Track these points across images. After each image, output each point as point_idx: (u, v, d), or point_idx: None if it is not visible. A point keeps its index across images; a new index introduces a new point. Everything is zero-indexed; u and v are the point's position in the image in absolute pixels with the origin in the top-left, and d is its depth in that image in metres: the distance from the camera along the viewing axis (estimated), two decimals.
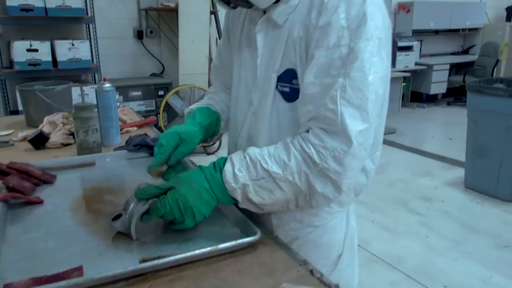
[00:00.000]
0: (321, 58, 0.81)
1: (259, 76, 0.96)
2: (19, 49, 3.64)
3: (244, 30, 1.04)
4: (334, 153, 0.79)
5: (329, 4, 0.81)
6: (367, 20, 0.79)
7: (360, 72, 0.78)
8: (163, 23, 4.87)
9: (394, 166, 4.18)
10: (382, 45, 0.81)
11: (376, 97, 0.80)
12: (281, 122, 0.93)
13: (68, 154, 1.44)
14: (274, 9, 0.90)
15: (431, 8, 6.65)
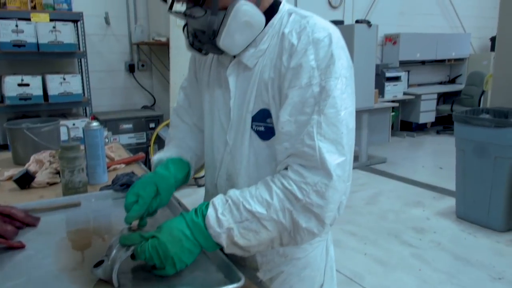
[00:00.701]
0: (295, 97, 0.86)
1: (233, 117, 0.99)
2: (11, 84, 3.65)
3: (212, 71, 1.06)
4: (316, 187, 0.82)
5: (298, 47, 0.87)
6: (335, 60, 0.85)
7: (333, 109, 0.83)
8: (154, 56, 4.93)
9: (386, 196, 4.18)
10: (348, 82, 0.88)
11: (348, 131, 0.86)
12: (258, 160, 0.96)
13: (54, 194, 1.43)
14: (243, 53, 0.95)
15: (416, 39, 6.82)
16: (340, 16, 6.31)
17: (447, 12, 7.48)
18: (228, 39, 0.90)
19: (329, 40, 0.87)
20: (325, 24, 0.91)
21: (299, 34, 0.89)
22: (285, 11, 0.96)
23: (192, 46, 0.98)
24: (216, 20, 0.89)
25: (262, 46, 0.94)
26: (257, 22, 0.90)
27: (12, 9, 3.68)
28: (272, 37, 0.94)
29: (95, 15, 4.49)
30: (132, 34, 4.77)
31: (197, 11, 0.90)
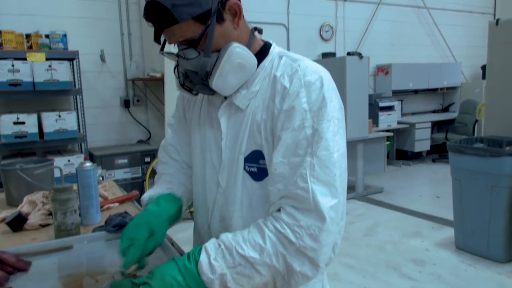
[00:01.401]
0: (288, 139, 0.87)
1: (224, 158, 0.99)
2: (6, 122, 3.66)
3: (203, 111, 1.07)
4: (309, 230, 0.81)
5: (291, 90, 0.89)
6: (327, 102, 0.87)
7: (326, 151, 0.85)
8: (149, 92, 4.99)
9: (383, 227, 4.15)
10: (340, 124, 0.89)
11: (341, 173, 0.87)
12: (252, 201, 0.96)
13: (46, 236, 1.41)
14: (235, 94, 0.96)
15: (408, 69, 6.94)
16: (331, 48, 6.44)
17: (437, 42, 7.65)
18: (221, 81, 0.91)
19: (321, 82, 0.88)
20: (316, 67, 0.92)
21: (291, 77, 0.90)
22: (275, 53, 0.98)
23: (182, 86, 0.99)
24: (209, 62, 0.91)
25: (254, 88, 0.95)
26: (250, 64, 0.92)
27: (8, 49, 3.73)
28: (263, 79, 0.96)
29: (90, 53, 4.56)
30: (127, 70, 4.84)
31: (190, 53, 0.91)
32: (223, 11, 0.91)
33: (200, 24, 0.88)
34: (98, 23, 4.64)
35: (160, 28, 0.91)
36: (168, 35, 0.92)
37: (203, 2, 0.86)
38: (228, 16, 0.92)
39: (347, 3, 6.54)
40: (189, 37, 0.90)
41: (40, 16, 4.28)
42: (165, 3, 0.85)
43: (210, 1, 0.87)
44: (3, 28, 3.77)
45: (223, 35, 0.91)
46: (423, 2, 7.21)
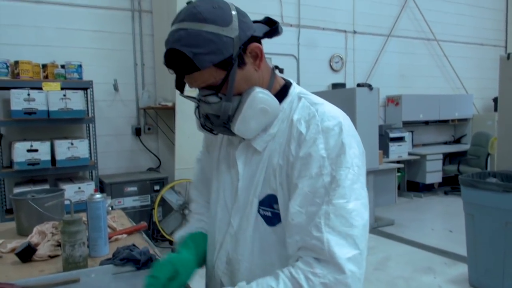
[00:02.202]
0: (305, 187, 0.84)
1: (239, 199, 0.97)
2: (20, 150, 3.72)
3: (222, 149, 1.07)
4: (324, 279, 0.78)
5: (307, 136, 0.86)
6: (346, 149, 0.84)
7: (342, 199, 0.81)
8: (160, 120, 5.04)
9: (395, 261, 4.06)
10: (361, 172, 0.86)
11: (362, 224, 0.82)
12: (263, 245, 0.93)
13: (54, 268, 1.41)
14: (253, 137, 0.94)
15: (419, 100, 6.95)
16: (341, 79, 6.49)
17: (448, 74, 7.68)
18: (243, 125, 0.91)
19: (339, 128, 0.86)
20: (335, 112, 0.90)
21: (308, 123, 0.88)
22: (295, 94, 0.97)
23: (203, 127, 0.99)
24: (231, 106, 0.90)
25: (272, 130, 0.94)
26: (272, 108, 0.91)
27: (25, 79, 3.82)
28: (282, 122, 0.94)
29: (104, 82, 4.66)
30: (139, 99, 4.91)
31: (212, 98, 0.90)
32: (244, 54, 0.90)
33: (221, 70, 0.87)
34: (113, 54, 4.76)
35: (181, 75, 0.90)
36: (189, 81, 0.91)
37: (224, 49, 0.86)
38: (249, 59, 0.92)
39: (357, 35, 6.63)
40: (211, 83, 0.89)
41: (57, 47, 4.41)
42: (186, 52, 0.84)
43: (231, 47, 0.86)
44: (20, 59, 3.87)
45: (244, 78, 0.91)
46: (433, 35, 7.29)
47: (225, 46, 0.86)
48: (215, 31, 0.84)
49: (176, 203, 4.31)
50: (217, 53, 0.85)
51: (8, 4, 4.17)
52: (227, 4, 0.90)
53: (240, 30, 0.87)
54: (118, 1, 4.74)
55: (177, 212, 4.31)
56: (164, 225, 4.28)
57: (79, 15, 4.53)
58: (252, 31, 0.91)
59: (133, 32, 4.85)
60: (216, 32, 0.85)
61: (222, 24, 0.85)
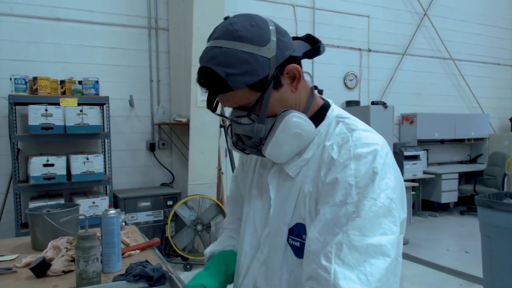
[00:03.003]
0: (327, 214, 0.79)
1: (270, 225, 0.93)
2: (36, 165, 3.78)
3: (256, 171, 1.03)
4: None
5: (337, 162, 0.82)
6: (376, 178, 0.78)
7: (359, 232, 0.75)
8: (174, 136, 5.09)
9: (409, 282, 3.99)
10: (394, 205, 0.78)
11: (383, 262, 0.74)
12: (291, 277, 0.88)
13: (67, 283, 1.42)
14: (287, 161, 0.90)
15: (434, 119, 6.90)
16: (356, 96, 6.49)
17: (464, 93, 7.62)
18: (275, 150, 0.86)
19: (373, 157, 0.80)
20: (373, 139, 0.84)
21: (340, 148, 0.83)
22: (333, 117, 0.92)
23: (235, 146, 0.95)
24: (264, 129, 0.86)
25: (306, 155, 0.89)
26: (307, 133, 0.87)
27: (43, 95, 3.91)
28: (317, 147, 0.89)
29: (120, 98, 4.74)
30: (154, 115, 4.98)
31: (244, 119, 0.87)
32: (281, 75, 0.86)
33: (255, 92, 0.83)
34: (129, 70, 4.85)
35: (213, 94, 0.87)
36: (222, 100, 0.88)
37: (259, 71, 0.81)
38: (286, 80, 0.87)
39: (372, 53, 6.65)
40: (244, 104, 0.86)
41: (74, 63, 4.51)
42: (219, 72, 0.80)
43: (267, 69, 0.82)
44: (39, 75, 3.96)
45: (279, 100, 0.86)
46: (448, 54, 7.26)
47: (261, 67, 0.81)
48: (251, 51, 0.80)
49: (188, 218, 4.31)
50: (252, 74, 0.81)
51: (28, 21, 4.29)
52: (266, 22, 0.85)
53: (277, 50, 0.83)
54: (135, 20, 4.84)
55: (190, 228, 4.31)
56: (176, 240, 4.28)
57: (97, 32, 4.64)
58: (291, 51, 0.86)
59: (149, 49, 4.94)
60: (252, 52, 0.80)
61: (259, 44, 0.81)
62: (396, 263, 0.80)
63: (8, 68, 4.11)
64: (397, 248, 0.79)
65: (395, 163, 0.85)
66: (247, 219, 1.01)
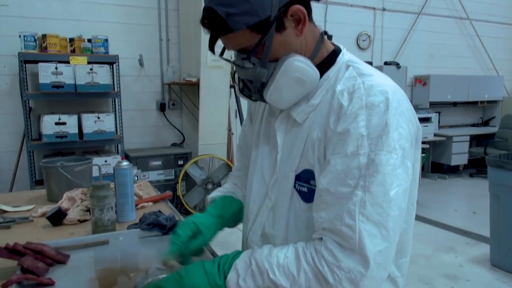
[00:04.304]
0: (338, 165, 0.78)
1: (278, 171, 0.93)
2: (48, 123, 3.82)
3: (264, 119, 1.03)
4: (350, 274, 0.73)
5: (348, 110, 0.79)
6: (390, 130, 0.76)
7: (381, 187, 0.74)
8: (184, 96, 5.08)
9: (416, 240, 4.04)
10: (406, 154, 0.77)
11: (399, 213, 0.76)
12: (298, 222, 0.89)
13: (83, 231, 1.46)
14: (294, 106, 0.89)
15: (447, 81, 6.77)
16: (368, 57, 6.37)
17: (479, 54, 7.44)
18: (276, 94, 0.85)
19: (386, 106, 0.77)
20: (385, 86, 0.80)
21: (350, 95, 0.80)
22: (343, 62, 0.89)
23: (242, 92, 0.94)
24: (266, 73, 0.84)
25: (314, 101, 0.87)
26: (310, 78, 0.84)
27: (52, 53, 3.89)
28: (326, 92, 0.87)
29: (129, 58, 4.70)
30: (164, 75, 4.95)
31: (245, 63, 0.85)
32: (285, 17, 0.82)
33: (257, 34, 0.81)
34: (138, 29, 4.78)
35: (215, 36, 0.84)
36: (225, 42, 0.86)
37: (260, 11, 0.78)
38: (290, 23, 0.83)
39: (386, 12, 6.46)
40: (245, 47, 0.83)
41: (84, 21, 4.45)
42: (219, 11, 0.78)
43: (269, 9, 0.79)
44: (48, 32, 3.93)
45: (283, 44, 0.83)
46: (465, 13, 7.04)
47: (262, 7, 0.78)
48: None
49: (199, 177, 4.37)
50: (252, 14, 0.78)
51: None
52: None
53: None
54: None
55: (200, 187, 4.37)
56: (187, 199, 4.36)
57: None
58: None
59: (158, 7, 4.85)
60: None
61: None
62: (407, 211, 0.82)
63: (16, 25, 4.08)
64: (408, 195, 0.80)
65: (408, 108, 0.82)
66: (254, 167, 1.02)
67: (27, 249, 1.13)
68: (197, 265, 0.84)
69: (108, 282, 1.07)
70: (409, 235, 0.91)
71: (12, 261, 1.11)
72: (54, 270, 1.12)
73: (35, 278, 1.03)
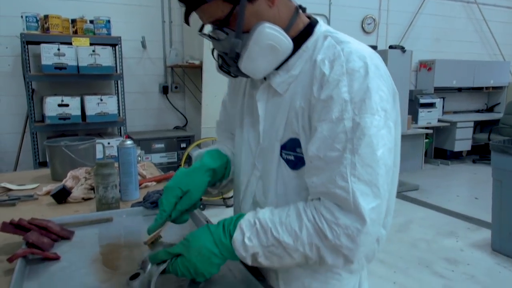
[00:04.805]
0: (324, 131, 0.80)
1: (262, 142, 0.96)
2: (51, 105, 3.82)
3: (246, 92, 1.04)
4: (347, 230, 0.77)
5: (330, 77, 0.81)
6: (371, 94, 0.79)
7: (369, 148, 0.77)
8: (187, 79, 5.06)
9: (417, 224, 4.06)
10: (388, 115, 0.81)
11: (386, 170, 0.80)
12: (287, 190, 0.92)
13: (88, 209, 1.47)
14: (274, 77, 0.91)
15: (453, 66, 6.72)
16: (373, 41, 6.31)
17: (486, 39, 7.36)
18: (250, 63, 0.86)
19: (365, 71, 0.80)
20: (363, 51, 0.83)
21: (331, 63, 0.82)
22: (320, 33, 0.91)
23: (221, 68, 0.96)
24: (240, 43, 0.86)
25: (294, 71, 0.89)
26: (282, 46, 0.86)
27: (54, 34, 3.87)
28: (305, 62, 0.89)
29: (132, 40, 4.67)
30: (167, 57, 4.93)
31: (219, 34, 0.87)
32: None
33: (228, 4, 0.83)
34: (140, 10, 4.74)
35: (189, 8, 0.86)
36: (199, 15, 0.88)
37: None
38: None
39: None
40: (219, 18, 0.85)
41: (85, 1, 4.42)
42: None
43: None
44: (50, 13, 3.90)
45: (255, 14, 0.85)
46: None
47: None
48: None
49: None
50: None
51: None
52: None
53: None
54: None
55: None
56: None
57: None
58: None
59: None
60: None
61: None
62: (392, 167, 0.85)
63: (18, 5, 4.05)
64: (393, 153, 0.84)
65: (386, 71, 0.85)
66: (241, 139, 1.04)
67: (32, 224, 1.14)
68: (202, 228, 0.87)
69: (113, 258, 1.08)
70: (392, 196, 0.94)
71: (18, 237, 1.12)
72: (59, 245, 1.13)
73: (41, 252, 1.04)
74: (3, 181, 1.82)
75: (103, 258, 1.07)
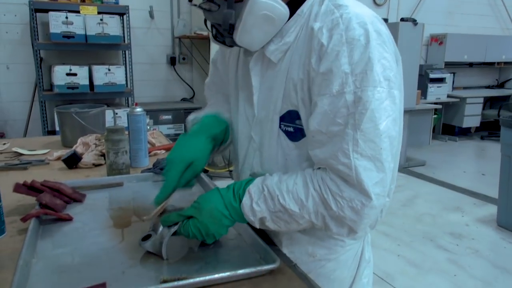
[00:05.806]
0: (325, 106, 0.78)
1: (258, 114, 0.94)
2: (60, 73, 3.82)
3: (240, 59, 1.01)
4: (351, 203, 0.77)
5: (329, 48, 0.77)
6: (373, 64, 0.75)
7: (371, 123, 0.75)
8: (195, 50, 5.02)
9: (423, 199, 4.08)
10: (392, 84, 0.77)
11: (390, 142, 0.77)
12: (287, 161, 0.91)
13: (98, 174, 1.49)
14: (267, 45, 0.87)
15: (464, 40, 6.58)
16: (384, 14, 6.19)
17: (499, 13, 7.18)
18: (246, 35, 0.82)
19: (366, 39, 0.75)
20: (363, 17, 0.78)
21: (330, 32, 0.78)
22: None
23: (215, 38, 0.91)
24: (233, 14, 0.81)
25: (288, 38, 0.84)
26: (278, 15, 0.81)
27: (62, 2, 3.83)
28: (300, 28, 0.84)
29: (140, 9, 4.62)
30: (174, 28, 4.87)
31: (212, 5, 0.83)
32: None
33: None
34: None
35: None
36: None
37: None
38: None
39: None
40: None
41: None
42: None
43: None
44: None
45: None
46: None
47: None
48: None
49: None
50: None
51: None
52: None
53: None
54: None
55: None
56: None
57: None
58: None
59: None
60: None
61: None
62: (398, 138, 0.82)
63: None
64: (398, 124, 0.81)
65: (388, 35, 0.81)
66: (237, 109, 1.01)
67: (44, 186, 1.16)
68: (213, 191, 0.88)
69: (124, 220, 1.10)
70: (396, 165, 0.92)
71: (31, 198, 1.14)
72: (71, 207, 1.15)
73: (54, 213, 1.06)
74: (14, 146, 1.84)
75: (114, 220, 1.09)
